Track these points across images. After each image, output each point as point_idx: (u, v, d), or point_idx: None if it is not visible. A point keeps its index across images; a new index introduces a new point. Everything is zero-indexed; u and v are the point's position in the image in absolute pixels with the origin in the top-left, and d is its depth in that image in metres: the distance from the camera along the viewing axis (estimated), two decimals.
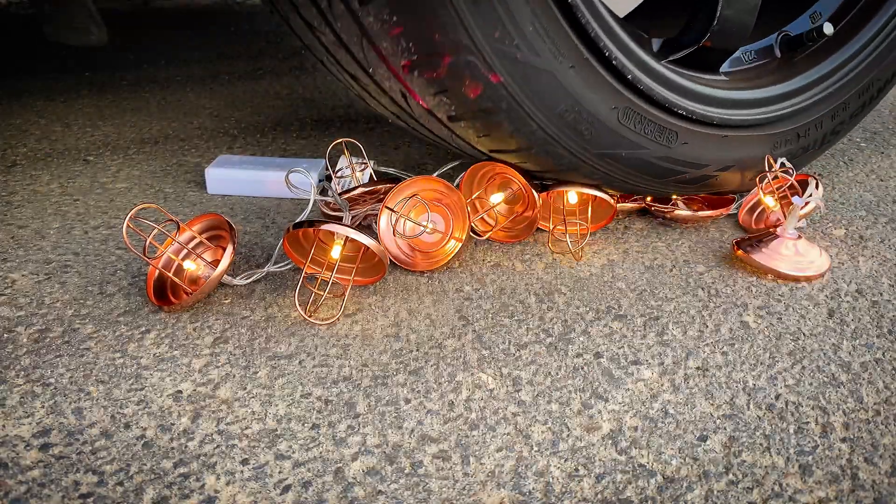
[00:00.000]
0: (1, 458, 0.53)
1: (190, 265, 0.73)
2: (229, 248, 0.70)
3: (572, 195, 0.86)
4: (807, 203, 0.84)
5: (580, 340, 0.68)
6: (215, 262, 0.72)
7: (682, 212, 0.91)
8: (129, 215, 0.67)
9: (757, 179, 0.91)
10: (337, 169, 0.99)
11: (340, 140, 0.93)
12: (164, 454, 0.54)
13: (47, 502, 0.49)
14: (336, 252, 0.73)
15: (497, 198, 0.86)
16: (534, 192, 0.82)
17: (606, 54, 0.72)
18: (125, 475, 0.52)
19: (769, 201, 0.90)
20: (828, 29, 0.90)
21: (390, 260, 0.78)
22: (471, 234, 0.84)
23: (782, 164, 0.85)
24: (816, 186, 0.86)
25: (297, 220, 0.72)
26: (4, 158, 1.14)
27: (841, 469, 0.53)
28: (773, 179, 0.86)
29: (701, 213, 0.91)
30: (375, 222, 0.81)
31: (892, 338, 0.69)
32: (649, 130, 0.79)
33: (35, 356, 0.64)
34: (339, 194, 0.84)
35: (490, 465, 0.53)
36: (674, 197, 0.93)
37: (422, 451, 0.55)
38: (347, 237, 0.71)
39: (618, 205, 0.89)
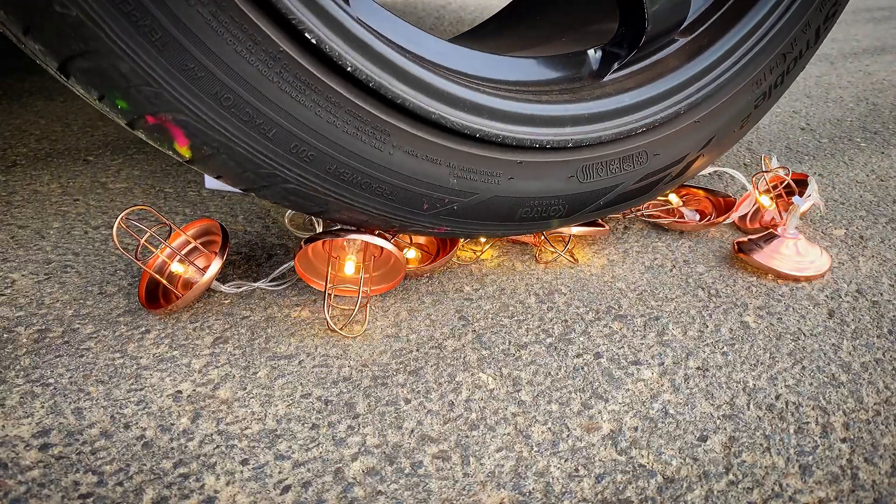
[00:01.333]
0: (1, 458, 0.53)
1: (179, 268, 0.73)
2: (217, 259, 0.69)
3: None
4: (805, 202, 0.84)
5: (580, 341, 0.68)
6: (206, 268, 0.72)
7: (683, 218, 0.91)
8: (119, 217, 0.67)
9: (753, 179, 0.91)
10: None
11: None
12: (164, 454, 0.54)
13: (47, 502, 0.49)
14: (349, 266, 0.71)
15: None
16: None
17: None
18: (125, 475, 0.52)
19: (765, 201, 0.90)
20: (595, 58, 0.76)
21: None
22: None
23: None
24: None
25: (311, 236, 0.68)
26: (4, 158, 1.14)
27: (841, 469, 0.53)
28: (768, 178, 0.86)
29: (701, 222, 0.91)
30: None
31: (893, 338, 0.69)
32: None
33: (35, 356, 0.64)
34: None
35: (490, 465, 0.53)
36: (672, 202, 0.93)
37: (422, 451, 0.55)
38: (366, 244, 0.69)
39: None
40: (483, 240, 0.85)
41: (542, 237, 0.85)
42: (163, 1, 0.46)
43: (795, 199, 0.82)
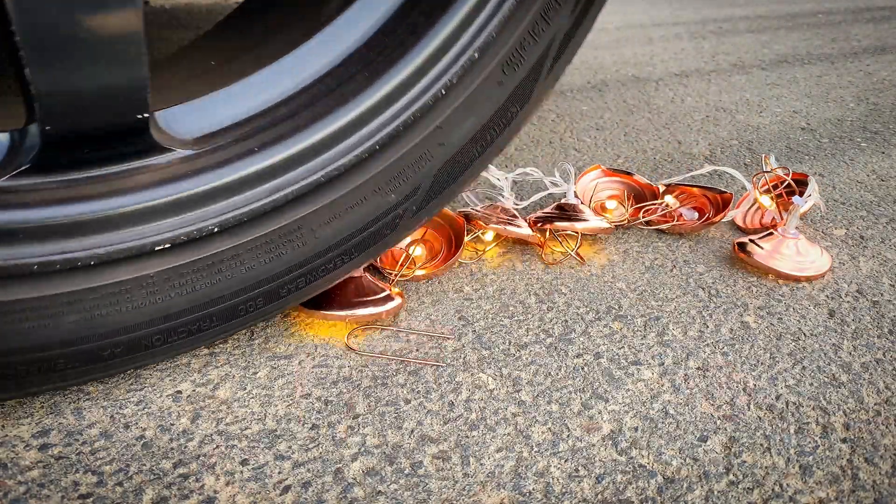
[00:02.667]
0: (0, 458, 0.53)
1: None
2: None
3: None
4: (806, 202, 0.84)
5: (580, 341, 0.68)
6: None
7: (681, 221, 0.91)
8: None
9: (753, 179, 0.91)
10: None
11: None
12: (164, 454, 0.54)
13: (46, 502, 0.49)
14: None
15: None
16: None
17: None
18: (124, 475, 0.52)
19: (765, 201, 0.90)
20: None
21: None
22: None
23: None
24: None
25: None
26: None
27: (841, 469, 0.53)
28: (768, 178, 0.86)
29: (698, 224, 0.91)
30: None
31: (893, 338, 0.69)
32: None
33: None
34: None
35: (490, 465, 0.53)
36: (669, 203, 0.93)
37: (421, 451, 0.54)
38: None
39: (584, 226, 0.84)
40: (488, 237, 0.85)
41: (549, 236, 0.85)
42: None
43: (796, 199, 0.82)
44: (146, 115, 0.54)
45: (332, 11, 0.64)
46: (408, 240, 0.81)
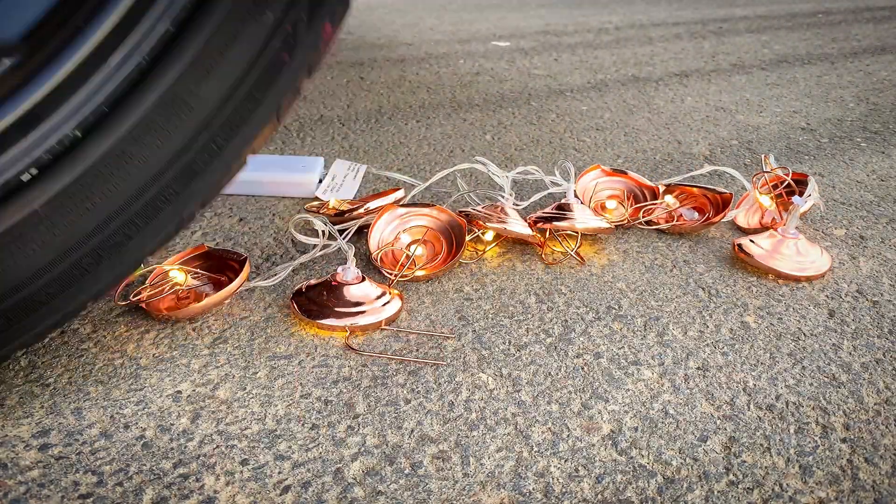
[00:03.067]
0: (0, 458, 0.53)
1: (179, 276, 0.72)
2: (245, 268, 0.71)
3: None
4: (806, 201, 0.84)
5: (580, 341, 0.68)
6: (220, 285, 0.72)
7: (680, 222, 0.91)
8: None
9: (753, 179, 0.91)
10: (331, 175, 0.99)
11: None
12: (164, 454, 0.54)
13: (46, 502, 0.49)
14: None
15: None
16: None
17: None
18: (124, 475, 0.52)
19: (765, 201, 0.90)
20: None
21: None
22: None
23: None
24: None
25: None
26: None
27: (841, 469, 0.53)
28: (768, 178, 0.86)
29: (698, 223, 0.91)
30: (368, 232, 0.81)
31: (893, 338, 0.69)
32: None
33: (34, 356, 0.64)
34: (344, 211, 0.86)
35: (490, 465, 0.53)
36: (669, 203, 0.93)
37: (421, 451, 0.54)
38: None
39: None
40: (488, 237, 0.85)
41: (548, 236, 0.85)
42: None
43: (795, 199, 0.82)
44: None
45: None
46: (408, 239, 0.81)
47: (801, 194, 0.88)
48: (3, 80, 0.49)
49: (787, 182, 0.93)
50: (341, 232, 0.81)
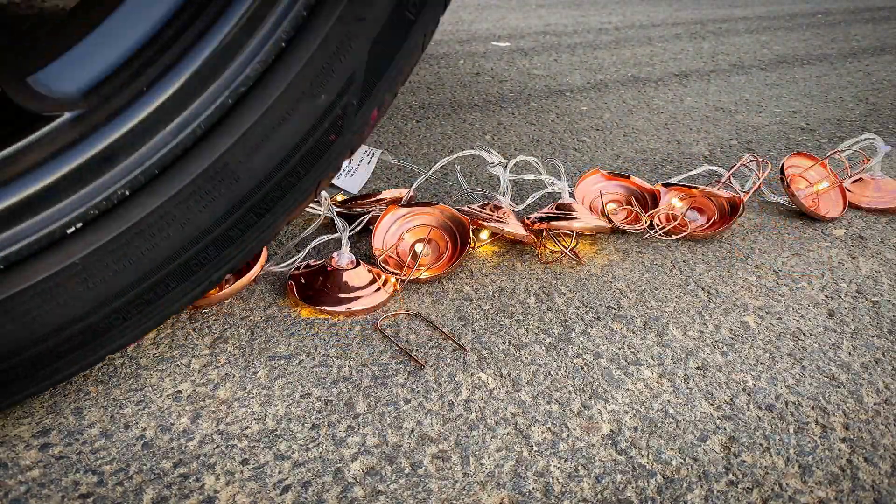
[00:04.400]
0: (0, 458, 0.53)
1: None
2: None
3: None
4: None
5: (580, 341, 0.68)
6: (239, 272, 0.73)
7: (689, 228, 0.91)
8: None
9: (825, 163, 0.99)
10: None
11: None
12: (164, 454, 0.54)
13: (47, 502, 0.49)
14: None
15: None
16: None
17: None
18: (125, 475, 0.52)
19: (825, 184, 0.98)
20: None
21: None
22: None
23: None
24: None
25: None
26: None
27: (841, 469, 0.53)
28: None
29: (707, 230, 0.91)
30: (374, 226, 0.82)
31: (893, 338, 0.69)
32: None
33: None
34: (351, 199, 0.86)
35: (490, 465, 0.53)
36: (676, 206, 0.93)
37: (421, 451, 0.55)
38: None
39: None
40: (483, 235, 0.85)
41: (544, 236, 0.85)
42: None
43: (880, 146, 0.97)
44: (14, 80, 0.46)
45: None
46: (412, 239, 0.81)
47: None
48: (61, 133, 0.49)
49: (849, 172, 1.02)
50: (350, 222, 0.82)
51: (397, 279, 0.76)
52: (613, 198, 0.94)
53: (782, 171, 0.95)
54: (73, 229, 0.48)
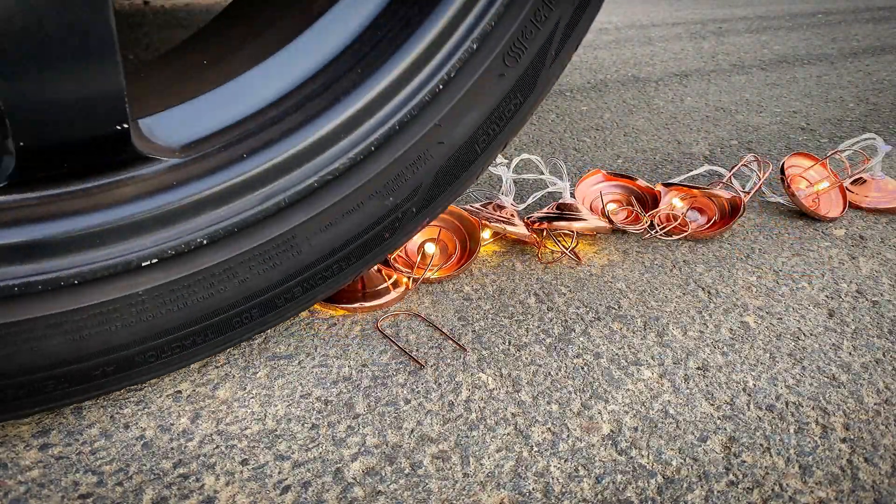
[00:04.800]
0: (0, 458, 0.53)
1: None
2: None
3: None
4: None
5: (580, 341, 0.68)
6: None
7: (689, 229, 0.91)
8: None
9: (825, 163, 0.99)
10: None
11: None
12: (164, 454, 0.54)
13: (46, 502, 0.49)
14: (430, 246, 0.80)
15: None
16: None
17: None
18: (124, 475, 0.52)
19: (825, 185, 0.98)
20: None
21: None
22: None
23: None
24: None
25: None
26: None
27: (841, 469, 0.53)
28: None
29: (708, 231, 0.91)
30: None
31: (893, 338, 0.69)
32: None
33: None
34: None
35: (490, 465, 0.53)
36: (677, 206, 0.93)
37: (421, 451, 0.54)
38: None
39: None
40: (485, 235, 0.85)
41: (545, 236, 0.85)
42: None
43: (881, 146, 0.96)
44: (125, 124, 0.51)
45: (321, 7, 0.61)
46: (421, 239, 0.81)
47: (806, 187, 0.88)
48: (158, 177, 0.54)
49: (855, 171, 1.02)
50: None
51: (409, 278, 0.76)
52: (614, 198, 0.94)
53: (782, 171, 0.95)
54: (147, 263, 0.53)
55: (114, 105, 0.50)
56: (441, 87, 0.60)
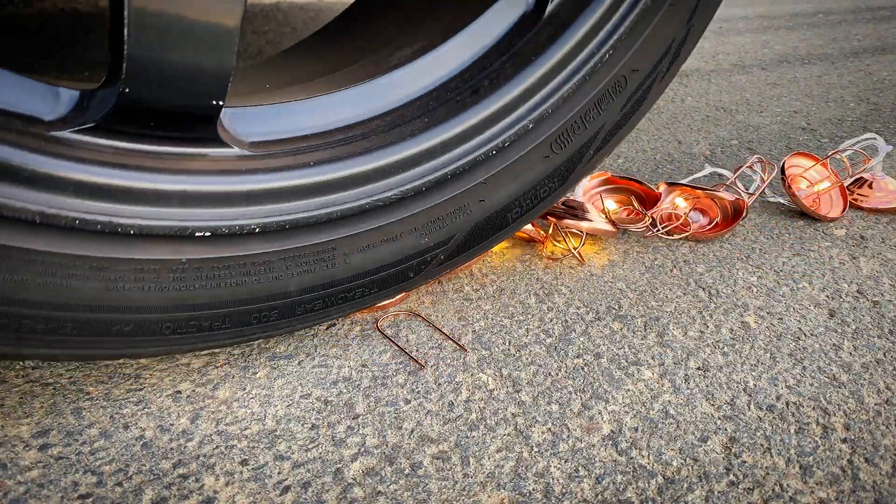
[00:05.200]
0: (0, 458, 0.53)
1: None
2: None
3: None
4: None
5: (580, 341, 0.68)
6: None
7: (692, 229, 0.90)
8: None
9: (826, 163, 0.99)
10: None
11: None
12: (163, 454, 0.54)
13: (46, 503, 0.49)
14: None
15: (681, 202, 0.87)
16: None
17: None
18: (124, 475, 0.52)
19: (826, 185, 0.98)
20: None
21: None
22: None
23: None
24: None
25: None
26: None
27: (842, 470, 0.53)
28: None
29: (711, 232, 0.91)
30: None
31: (894, 338, 0.69)
32: None
33: None
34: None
35: (490, 465, 0.53)
36: (680, 206, 0.93)
37: (421, 451, 0.54)
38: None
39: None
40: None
41: (552, 231, 0.84)
42: None
43: (882, 146, 0.97)
44: (221, 103, 0.54)
45: (398, 62, 0.68)
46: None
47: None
48: (225, 161, 0.57)
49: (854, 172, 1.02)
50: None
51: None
52: (614, 199, 0.95)
53: (783, 171, 0.95)
54: (201, 234, 0.55)
55: (218, 83, 0.53)
56: (495, 152, 0.66)
